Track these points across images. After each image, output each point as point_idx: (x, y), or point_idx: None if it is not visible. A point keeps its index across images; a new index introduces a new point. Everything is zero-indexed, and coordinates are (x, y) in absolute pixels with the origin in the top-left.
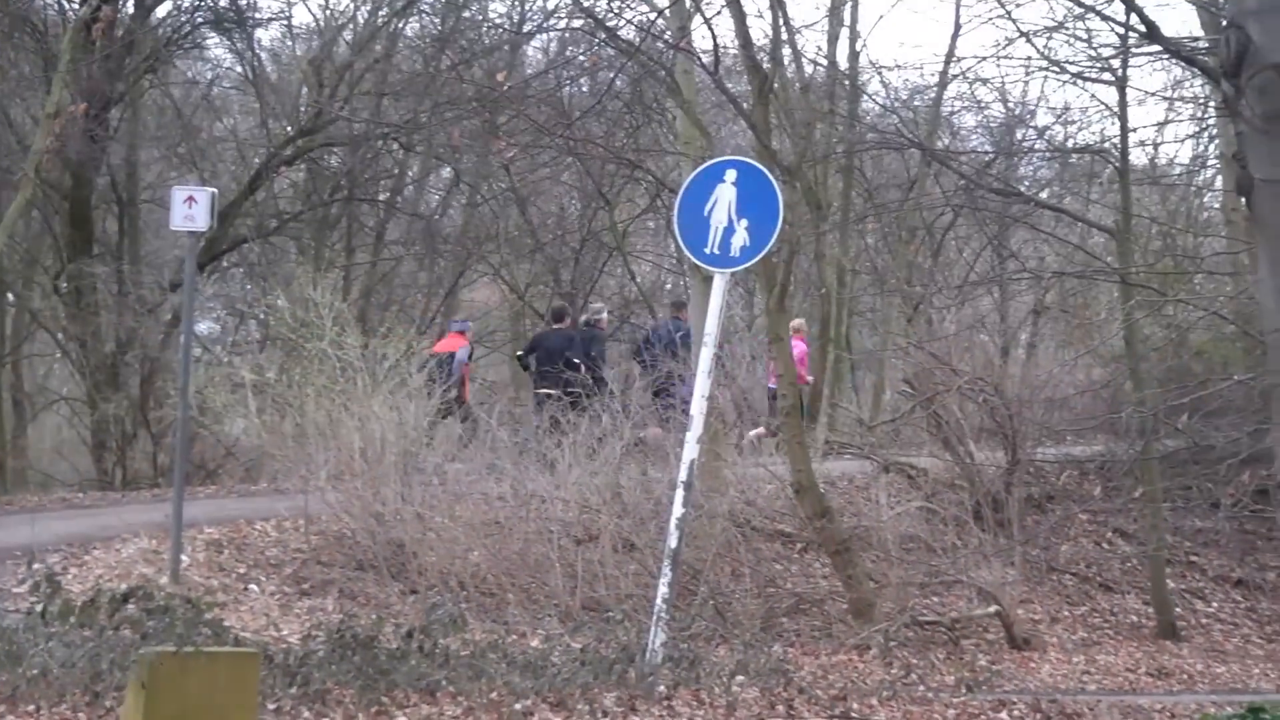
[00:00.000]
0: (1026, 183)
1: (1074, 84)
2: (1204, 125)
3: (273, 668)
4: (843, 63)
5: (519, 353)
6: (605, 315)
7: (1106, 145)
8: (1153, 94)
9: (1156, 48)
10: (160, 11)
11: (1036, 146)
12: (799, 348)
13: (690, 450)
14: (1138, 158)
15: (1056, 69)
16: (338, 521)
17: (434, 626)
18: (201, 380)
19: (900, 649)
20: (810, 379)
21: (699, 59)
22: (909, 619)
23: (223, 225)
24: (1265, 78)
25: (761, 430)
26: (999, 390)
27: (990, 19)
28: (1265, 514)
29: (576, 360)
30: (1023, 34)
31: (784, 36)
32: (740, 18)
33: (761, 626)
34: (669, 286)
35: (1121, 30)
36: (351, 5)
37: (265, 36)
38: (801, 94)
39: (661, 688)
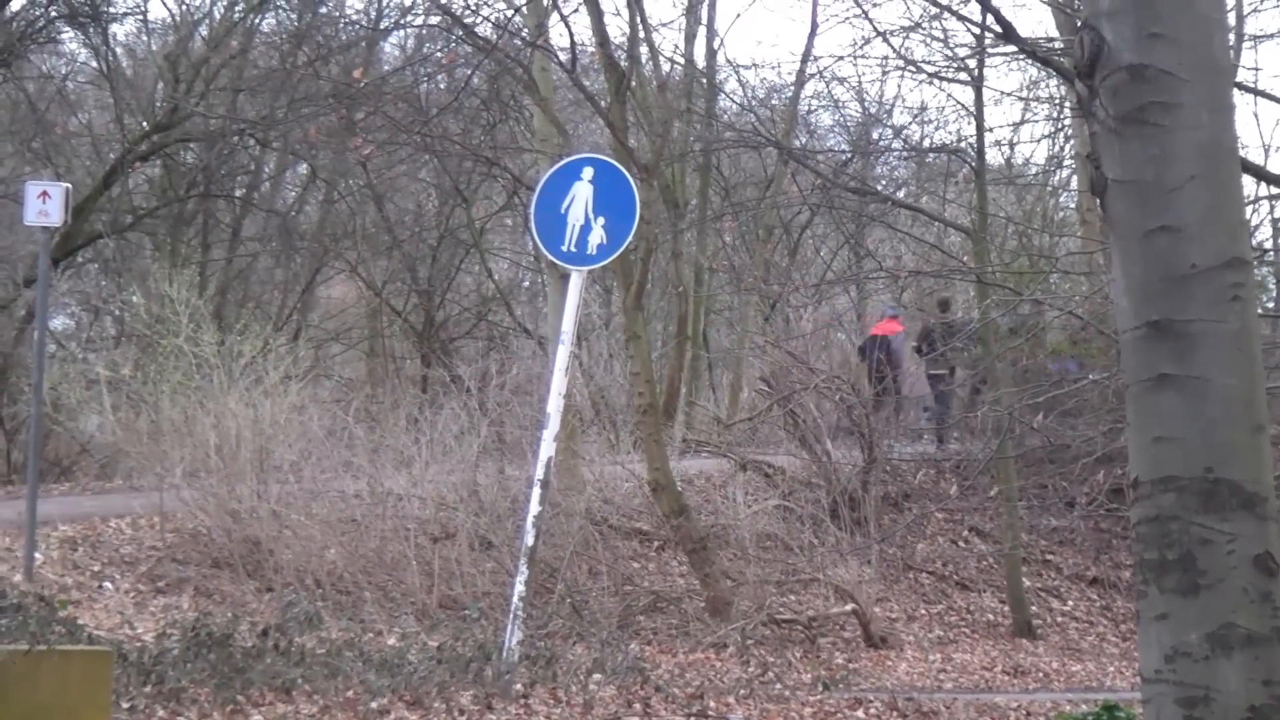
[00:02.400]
0: (883, 182)
1: (931, 84)
2: (1059, 125)
3: (127, 666)
4: (700, 61)
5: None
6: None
7: (963, 145)
8: (1009, 94)
9: (1012, 48)
10: (14, 5)
11: (893, 146)
12: None
13: (547, 448)
14: (994, 157)
15: (913, 69)
16: (193, 519)
17: (290, 624)
18: (56, 377)
19: (757, 647)
20: None
21: (556, 56)
22: (766, 617)
23: (77, 221)
24: (1118, 79)
25: None
26: (855, 389)
27: (847, 18)
28: (1120, 513)
29: None
30: (879, 33)
31: (641, 34)
32: (597, 15)
33: (618, 625)
34: (526, 284)
35: (978, 30)
36: (207, 0)
37: (120, 31)
38: (658, 92)
39: (518, 686)
